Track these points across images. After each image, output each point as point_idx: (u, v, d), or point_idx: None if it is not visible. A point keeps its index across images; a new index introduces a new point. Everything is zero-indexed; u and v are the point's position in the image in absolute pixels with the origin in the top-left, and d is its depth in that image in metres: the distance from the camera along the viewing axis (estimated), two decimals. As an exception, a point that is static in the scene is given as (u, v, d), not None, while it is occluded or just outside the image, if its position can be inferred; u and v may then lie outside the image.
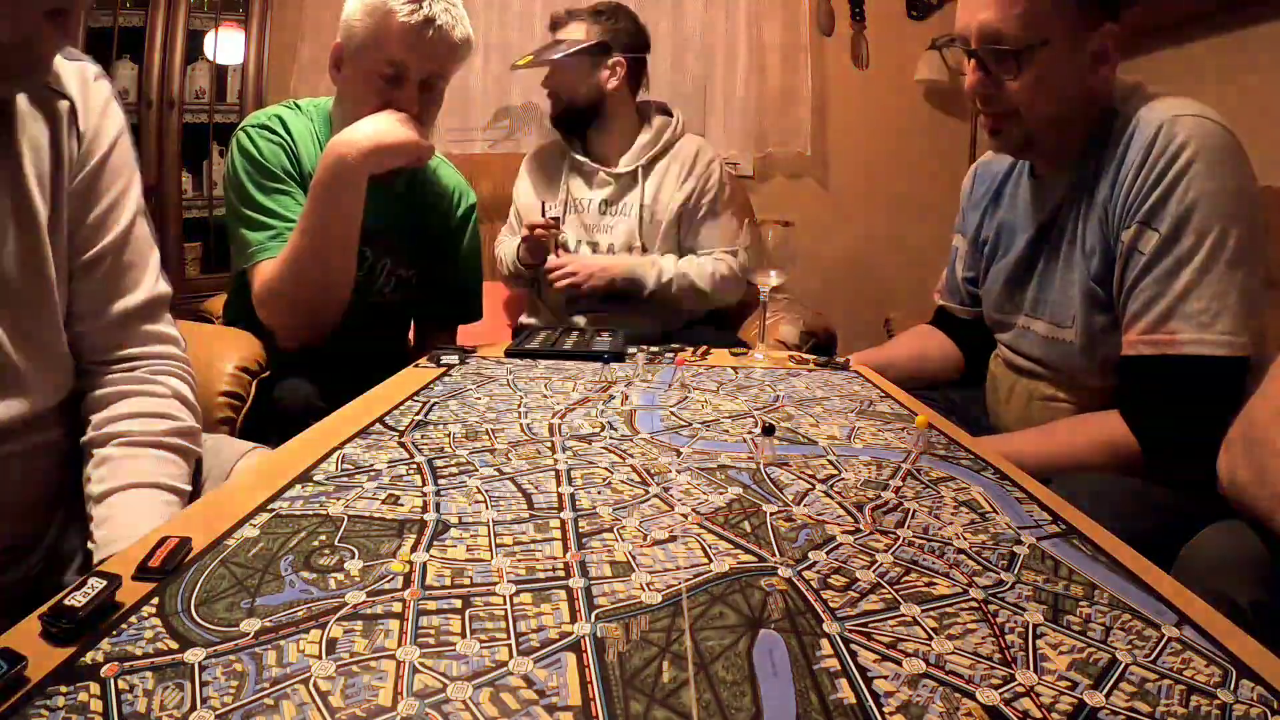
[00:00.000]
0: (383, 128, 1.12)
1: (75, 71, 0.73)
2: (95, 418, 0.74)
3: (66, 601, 0.40)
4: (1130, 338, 0.92)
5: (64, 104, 0.71)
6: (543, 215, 1.63)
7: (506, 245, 1.77)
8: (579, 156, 1.74)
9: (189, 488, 0.75)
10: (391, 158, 1.14)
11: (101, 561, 0.63)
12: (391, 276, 1.30)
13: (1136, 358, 0.92)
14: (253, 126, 1.19)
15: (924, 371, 1.31)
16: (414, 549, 0.50)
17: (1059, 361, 1.04)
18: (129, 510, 0.68)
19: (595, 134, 1.74)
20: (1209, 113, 0.90)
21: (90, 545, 0.67)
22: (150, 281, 0.78)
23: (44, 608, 0.40)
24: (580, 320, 1.68)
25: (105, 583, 0.42)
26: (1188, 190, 0.86)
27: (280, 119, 1.20)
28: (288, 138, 1.19)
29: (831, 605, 0.45)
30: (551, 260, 1.63)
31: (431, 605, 0.43)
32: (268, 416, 1.09)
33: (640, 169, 1.71)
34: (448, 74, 1.21)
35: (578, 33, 1.68)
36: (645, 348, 1.14)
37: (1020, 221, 1.11)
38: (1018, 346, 1.12)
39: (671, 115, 1.79)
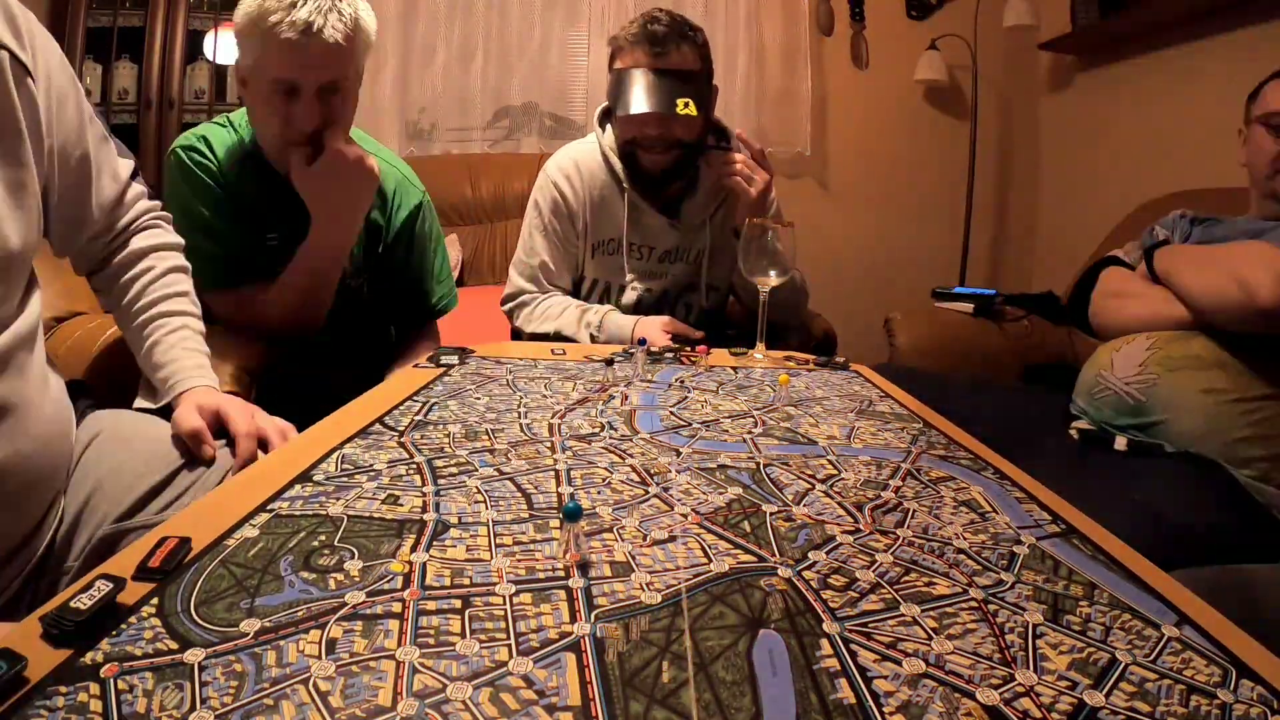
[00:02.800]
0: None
1: None
2: (120, 297, 0.92)
3: (72, 603, 0.40)
4: None
5: (4, 55, 0.70)
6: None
7: (573, 315, 1.45)
8: (642, 203, 1.48)
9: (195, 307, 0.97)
10: None
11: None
12: (341, 288, 1.27)
13: None
14: (181, 148, 1.19)
15: None
16: (414, 549, 0.50)
17: None
18: (173, 349, 0.90)
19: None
20: None
21: (160, 377, 0.88)
22: (109, 177, 0.89)
23: (46, 608, 0.40)
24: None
25: (111, 585, 0.42)
26: None
27: (205, 139, 1.20)
28: (212, 158, 1.19)
29: (831, 605, 0.45)
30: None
31: (431, 605, 0.43)
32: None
33: (708, 218, 1.51)
34: (348, 74, 1.14)
35: (691, 58, 1.38)
36: (646, 348, 1.14)
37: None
38: None
39: (725, 135, 1.52)
